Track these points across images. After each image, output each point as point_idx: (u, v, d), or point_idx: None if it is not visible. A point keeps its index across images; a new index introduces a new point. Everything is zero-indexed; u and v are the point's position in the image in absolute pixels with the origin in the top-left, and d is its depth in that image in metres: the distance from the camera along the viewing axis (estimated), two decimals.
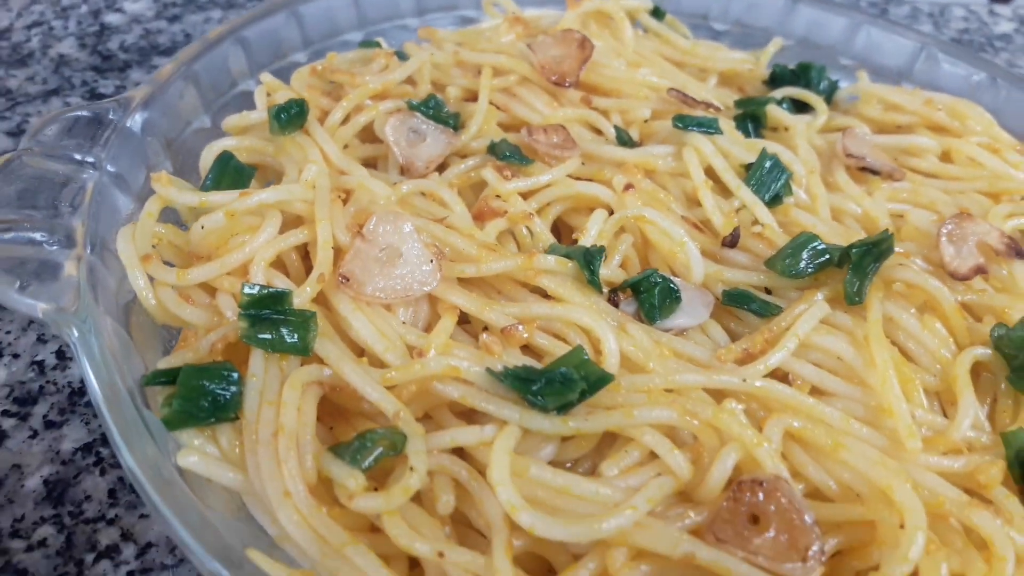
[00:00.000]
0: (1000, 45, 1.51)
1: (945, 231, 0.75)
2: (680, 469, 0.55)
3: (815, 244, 0.69)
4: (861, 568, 0.54)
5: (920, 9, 1.59)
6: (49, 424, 0.72)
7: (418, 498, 0.55)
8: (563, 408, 0.56)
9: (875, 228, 0.80)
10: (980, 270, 0.73)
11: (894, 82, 1.02)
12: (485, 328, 0.63)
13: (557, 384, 0.56)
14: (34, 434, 0.71)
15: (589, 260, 0.66)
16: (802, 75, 0.98)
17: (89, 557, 0.63)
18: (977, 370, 0.67)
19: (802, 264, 0.69)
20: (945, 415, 0.64)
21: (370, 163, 0.80)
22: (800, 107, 0.96)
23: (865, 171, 0.85)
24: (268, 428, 0.54)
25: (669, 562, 0.51)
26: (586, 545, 0.53)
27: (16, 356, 0.76)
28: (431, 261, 0.64)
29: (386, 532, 0.51)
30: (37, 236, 0.60)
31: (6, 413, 0.72)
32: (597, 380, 0.58)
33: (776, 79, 0.99)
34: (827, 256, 0.69)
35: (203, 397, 0.55)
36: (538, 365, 0.60)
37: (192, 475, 0.53)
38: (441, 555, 0.50)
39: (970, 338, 0.68)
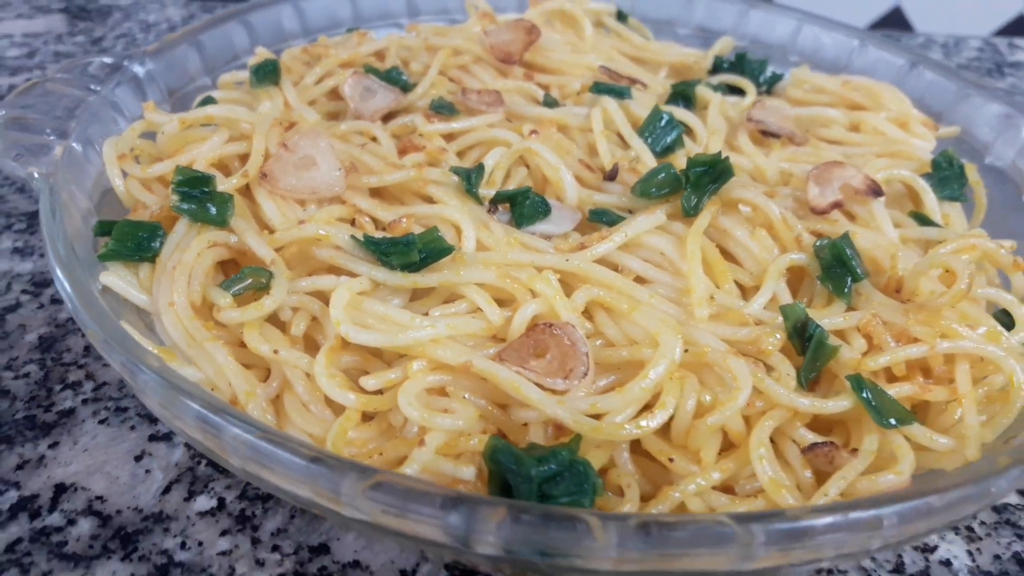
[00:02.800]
0: (1009, 72, 1.55)
1: (813, 173, 0.84)
2: (492, 316, 0.67)
3: (670, 170, 0.80)
4: None
5: (934, 40, 1.65)
6: (54, 301, 0.90)
7: (283, 328, 0.69)
8: (407, 267, 0.69)
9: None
10: (836, 204, 0.82)
11: (835, 73, 1.11)
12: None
13: (401, 246, 0.69)
14: (41, 307, 0.89)
15: (469, 174, 0.80)
16: (738, 64, 1.09)
17: (58, 387, 0.80)
18: (802, 277, 0.75)
19: (654, 188, 0.79)
20: None
21: (333, 117, 0.97)
22: (739, 93, 1.06)
23: (767, 135, 0.95)
24: (172, 263, 0.70)
25: (455, 372, 0.63)
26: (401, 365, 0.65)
27: (42, 255, 0.96)
28: (339, 169, 0.80)
29: (244, 339, 0.66)
30: (46, 130, 0.79)
31: (24, 292, 0.91)
32: (440, 250, 0.70)
33: (716, 69, 1.11)
34: (678, 181, 0.79)
35: (132, 240, 0.71)
36: None
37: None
38: (276, 352, 0.64)
39: (800, 250, 0.76)
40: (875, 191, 0.83)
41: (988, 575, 0.70)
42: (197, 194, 0.74)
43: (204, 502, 0.70)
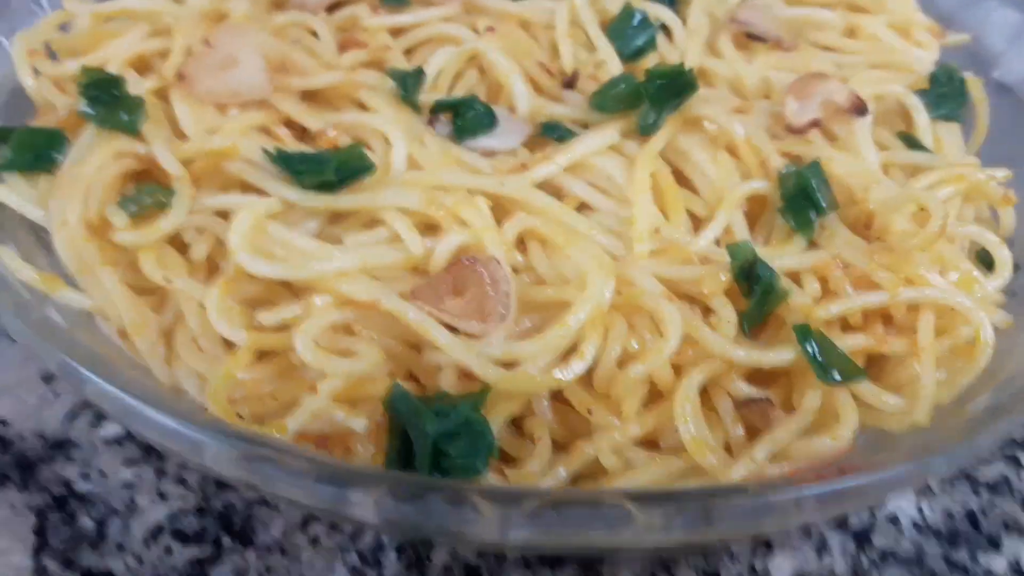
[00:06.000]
0: None
1: (793, 86, 0.76)
2: (413, 245, 0.61)
3: (630, 81, 0.72)
4: None
5: None
6: None
7: (186, 252, 0.64)
8: (323, 187, 0.63)
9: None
10: (815, 124, 0.73)
11: None
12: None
13: (314, 163, 0.63)
14: None
15: (405, 78, 0.73)
16: None
17: None
18: (764, 206, 0.68)
19: (611, 101, 0.71)
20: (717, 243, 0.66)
21: (278, 7, 0.88)
22: None
23: (753, 39, 0.86)
24: (70, 175, 0.64)
25: (363, 309, 0.57)
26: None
27: None
28: (263, 70, 0.72)
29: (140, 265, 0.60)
30: None
31: None
32: (360, 168, 0.64)
33: None
34: (638, 94, 0.71)
35: (30, 150, 0.65)
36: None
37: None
38: (168, 280, 0.59)
39: (765, 177, 0.69)
40: (859, 109, 0.74)
41: (937, 533, 0.66)
42: (106, 98, 0.68)
43: (111, 429, 0.67)
